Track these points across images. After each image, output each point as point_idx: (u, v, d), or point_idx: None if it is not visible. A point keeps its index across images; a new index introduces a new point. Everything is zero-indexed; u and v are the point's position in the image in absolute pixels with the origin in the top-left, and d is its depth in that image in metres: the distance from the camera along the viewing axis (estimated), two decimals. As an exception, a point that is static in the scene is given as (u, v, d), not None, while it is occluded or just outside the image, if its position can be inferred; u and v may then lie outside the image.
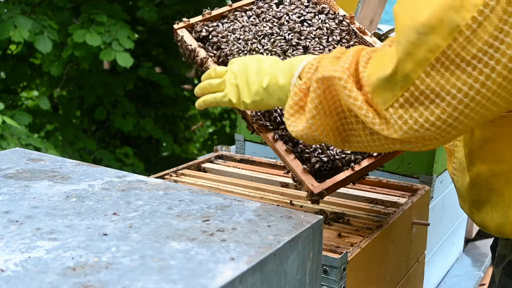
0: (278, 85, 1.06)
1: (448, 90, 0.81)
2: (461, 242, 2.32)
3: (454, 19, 0.78)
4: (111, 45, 4.29)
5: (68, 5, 4.69)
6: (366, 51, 0.94)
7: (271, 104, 1.11)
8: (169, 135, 5.86)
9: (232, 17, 1.49)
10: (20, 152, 1.19)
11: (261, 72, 1.10)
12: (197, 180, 1.61)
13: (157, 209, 0.88)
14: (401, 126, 0.86)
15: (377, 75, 0.88)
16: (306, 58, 1.04)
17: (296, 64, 1.04)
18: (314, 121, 0.98)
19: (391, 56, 0.87)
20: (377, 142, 0.94)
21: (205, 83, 1.21)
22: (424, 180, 1.75)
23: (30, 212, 0.86)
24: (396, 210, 1.38)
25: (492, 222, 1.05)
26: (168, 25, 5.87)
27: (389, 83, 0.86)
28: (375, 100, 0.89)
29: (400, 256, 1.41)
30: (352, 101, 0.91)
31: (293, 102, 1.01)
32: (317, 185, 1.19)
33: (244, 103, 1.13)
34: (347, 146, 1.01)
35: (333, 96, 0.96)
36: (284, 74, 1.06)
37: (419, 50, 0.82)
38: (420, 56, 0.82)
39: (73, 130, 5.05)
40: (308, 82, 0.99)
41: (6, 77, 5.20)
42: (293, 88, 1.02)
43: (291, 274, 0.81)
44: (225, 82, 1.17)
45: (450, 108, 0.82)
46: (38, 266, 0.69)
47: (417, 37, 0.81)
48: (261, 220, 0.86)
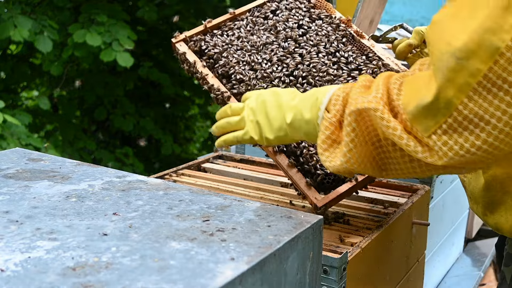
0: (304, 120, 1.05)
1: (492, 112, 0.81)
2: (461, 242, 2.32)
3: (493, 42, 0.78)
4: (111, 45, 4.29)
5: (68, 5, 4.69)
6: (395, 78, 0.93)
7: (297, 138, 1.10)
8: (169, 135, 5.85)
9: (229, 27, 1.49)
10: (20, 152, 1.19)
11: (282, 107, 1.09)
12: (197, 180, 1.61)
13: (157, 209, 0.88)
14: (446, 152, 0.85)
15: (416, 103, 0.86)
16: (330, 89, 1.03)
17: (320, 96, 1.02)
18: (352, 154, 0.96)
19: (427, 82, 0.86)
20: (418, 169, 0.92)
21: (223, 122, 1.19)
22: (424, 180, 1.75)
23: (30, 212, 0.86)
24: (396, 210, 1.38)
25: (506, 224, 1.06)
26: (168, 25, 5.87)
27: (430, 110, 0.85)
28: (415, 127, 0.88)
29: (400, 256, 1.41)
30: (391, 132, 0.90)
31: (325, 136, 1.00)
32: (320, 199, 1.21)
33: (267, 139, 1.12)
34: (385, 174, 1.00)
35: (368, 127, 0.94)
36: (309, 108, 1.04)
37: (460, 76, 0.81)
38: (461, 81, 0.81)
39: (73, 130, 5.05)
40: (338, 115, 0.98)
41: (6, 77, 5.20)
42: (323, 122, 1.00)
43: (291, 274, 0.81)
44: (244, 120, 1.15)
45: (496, 131, 0.81)
46: (38, 266, 0.69)
47: (456, 62, 0.81)
48: (261, 220, 0.86)
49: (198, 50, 1.45)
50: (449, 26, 0.83)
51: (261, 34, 1.46)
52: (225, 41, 1.45)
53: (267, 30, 1.48)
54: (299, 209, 1.38)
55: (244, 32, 1.47)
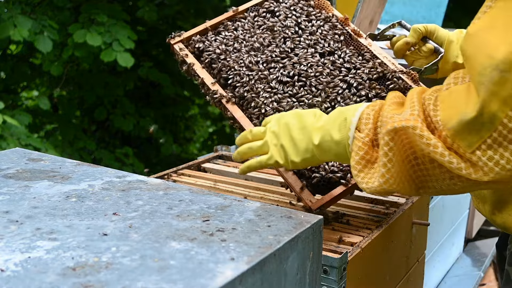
0: (334, 141, 1.02)
1: None
2: (461, 242, 2.32)
3: None
4: (111, 45, 4.29)
5: (68, 5, 4.70)
6: (429, 93, 0.92)
7: (326, 159, 1.08)
8: (169, 135, 5.86)
9: (227, 27, 1.49)
10: (20, 152, 1.19)
11: (307, 129, 1.07)
12: (197, 180, 1.61)
13: (157, 209, 0.88)
14: (492, 168, 0.83)
15: (458, 118, 0.84)
16: (358, 108, 1.01)
17: (349, 116, 1.01)
18: (390, 174, 0.94)
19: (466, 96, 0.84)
20: (459, 185, 0.90)
21: (244, 148, 1.16)
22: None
23: (30, 212, 0.86)
24: (396, 210, 1.38)
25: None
26: (168, 25, 5.87)
27: (474, 125, 0.83)
28: (456, 143, 0.86)
29: (400, 256, 1.41)
30: (432, 149, 0.87)
31: (359, 157, 0.98)
32: (315, 201, 1.21)
33: (293, 162, 1.09)
34: (422, 192, 0.97)
35: (404, 145, 0.92)
36: (338, 129, 1.02)
37: (504, 89, 0.79)
38: (505, 94, 0.80)
39: (73, 130, 5.06)
40: (371, 134, 0.97)
41: (6, 77, 5.20)
42: (355, 142, 0.98)
43: (291, 274, 0.81)
44: (267, 144, 1.13)
45: None
46: (38, 266, 0.69)
47: (500, 75, 0.79)
48: (261, 220, 0.86)
49: (196, 52, 1.45)
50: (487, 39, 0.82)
51: (258, 35, 1.46)
52: (223, 42, 1.45)
53: (265, 30, 1.48)
54: (299, 209, 1.38)
55: (241, 33, 1.47)
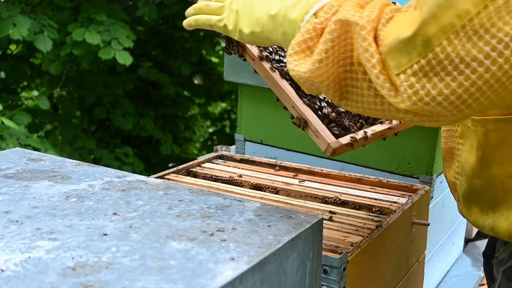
0: (288, 18, 0.96)
1: (468, 62, 0.75)
2: (461, 242, 2.32)
3: None
4: (110, 44, 4.29)
5: (68, 4, 4.70)
6: (389, 9, 0.86)
7: (272, 38, 1.00)
8: (169, 135, 5.86)
9: None
10: (20, 152, 1.19)
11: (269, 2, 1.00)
12: (197, 180, 1.61)
13: (157, 209, 0.88)
14: (411, 96, 0.79)
15: (395, 36, 0.80)
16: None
17: (314, 1, 0.94)
18: (321, 65, 0.88)
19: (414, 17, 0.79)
20: (379, 106, 0.87)
21: (201, 4, 1.11)
22: (424, 180, 1.75)
23: (30, 212, 0.86)
24: (396, 210, 1.38)
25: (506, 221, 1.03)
26: (168, 25, 5.87)
27: (407, 46, 0.78)
28: (387, 62, 0.81)
29: (400, 256, 1.41)
30: (368, 56, 0.83)
31: (302, 39, 0.91)
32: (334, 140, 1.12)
33: (240, 32, 1.04)
34: (343, 104, 0.93)
35: (346, 45, 0.87)
36: (298, 9, 0.95)
37: (446, 14, 0.75)
38: (446, 20, 0.75)
39: (73, 129, 5.06)
40: (325, 23, 0.90)
41: (6, 77, 5.20)
42: (306, 24, 0.92)
43: (291, 274, 0.81)
44: (225, 8, 1.07)
45: (467, 83, 0.76)
46: (38, 266, 0.69)
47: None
48: (261, 220, 0.86)
49: None
50: None
51: None
52: None
53: None
54: (299, 209, 1.38)
55: None
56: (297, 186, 1.57)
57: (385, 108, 0.86)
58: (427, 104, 0.79)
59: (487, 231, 1.08)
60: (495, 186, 1.04)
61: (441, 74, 0.77)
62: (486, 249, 1.32)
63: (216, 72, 6.47)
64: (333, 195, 1.49)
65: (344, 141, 1.13)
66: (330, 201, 1.47)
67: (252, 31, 1.02)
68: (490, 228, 1.07)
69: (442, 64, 0.76)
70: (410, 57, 0.78)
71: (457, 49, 0.75)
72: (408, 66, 0.79)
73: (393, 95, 0.82)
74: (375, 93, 0.86)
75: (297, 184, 1.59)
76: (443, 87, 0.77)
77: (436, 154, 1.75)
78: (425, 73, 0.78)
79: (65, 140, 4.93)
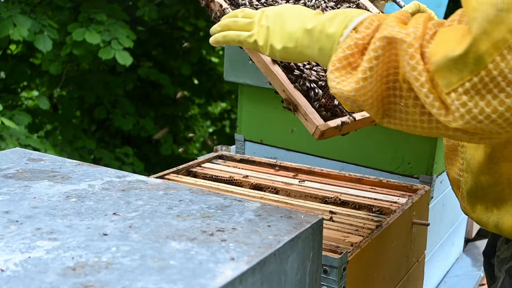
0: (326, 32, 0.93)
1: None
2: (461, 242, 2.32)
3: None
4: (110, 44, 4.29)
5: (68, 4, 4.70)
6: (432, 23, 0.83)
7: (306, 53, 0.98)
8: (169, 135, 5.86)
9: None
10: (20, 152, 1.19)
11: (301, 16, 0.98)
12: (197, 180, 1.61)
13: (157, 209, 0.88)
14: (463, 114, 0.77)
15: (443, 53, 0.78)
16: (364, 12, 0.92)
17: (352, 15, 0.91)
18: (365, 84, 0.85)
19: (462, 33, 0.77)
20: (426, 124, 0.84)
21: (228, 20, 1.08)
22: (424, 180, 1.75)
23: (30, 212, 0.86)
24: (396, 210, 1.38)
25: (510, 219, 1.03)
26: (168, 25, 5.87)
27: (457, 64, 0.76)
28: (435, 80, 0.79)
29: (400, 256, 1.41)
30: (416, 75, 0.80)
31: (344, 55, 0.88)
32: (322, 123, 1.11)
33: (271, 47, 1.01)
34: (386, 121, 0.90)
35: (390, 61, 0.85)
36: (336, 23, 0.92)
37: (497, 29, 0.73)
38: (498, 36, 0.73)
39: (73, 129, 5.06)
40: (367, 38, 0.87)
41: (6, 77, 5.20)
42: (347, 40, 0.89)
43: (291, 274, 0.81)
44: (254, 24, 1.05)
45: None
46: (38, 266, 0.69)
47: (496, 14, 0.73)
48: (261, 220, 0.86)
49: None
50: None
51: None
52: None
53: None
54: (299, 209, 1.38)
55: None
56: (297, 186, 1.57)
57: (433, 126, 0.84)
58: (481, 122, 0.77)
59: (490, 228, 1.08)
60: (502, 183, 1.04)
61: (494, 91, 0.75)
62: (486, 248, 1.32)
63: (216, 72, 6.48)
64: (333, 195, 1.49)
65: (333, 124, 1.12)
66: (330, 201, 1.47)
67: (285, 47, 1.00)
68: (494, 225, 1.07)
69: (495, 81, 0.75)
70: (461, 75, 0.76)
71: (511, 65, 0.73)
72: (459, 84, 0.77)
73: (443, 113, 0.80)
74: (421, 110, 0.84)
75: (297, 184, 1.59)
76: (497, 104, 0.75)
77: (436, 154, 1.75)
78: (478, 91, 0.76)
79: (65, 140, 4.93)
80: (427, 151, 1.74)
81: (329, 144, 1.90)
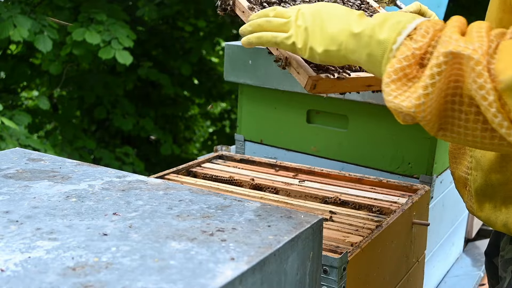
0: (377, 38, 0.87)
1: None
2: (461, 242, 2.32)
3: None
4: (110, 44, 4.29)
5: (68, 4, 4.70)
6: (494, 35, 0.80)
7: (351, 58, 0.93)
8: (169, 135, 5.87)
9: None
10: (20, 152, 1.19)
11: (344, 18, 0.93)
12: (197, 180, 1.61)
13: (157, 209, 0.88)
14: None
15: None
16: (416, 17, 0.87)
17: (406, 21, 0.86)
18: (426, 100, 0.81)
19: None
20: (488, 140, 0.81)
21: (261, 20, 1.02)
22: (424, 180, 1.75)
23: (30, 212, 0.86)
24: (396, 210, 1.38)
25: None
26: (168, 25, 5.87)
27: None
28: (503, 99, 0.76)
29: (400, 256, 1.41)
30: (484, 94, 0.77)
31: (400, 66, 0.83)
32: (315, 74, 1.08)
33: (311, 50, 0.96)
34: (441, 134, 0.86)
35: (452, 75, 0.81)
36: (387, 29, 0.87)
37: None
38: None
39: (73, 129, 5.06)
40: (424, 48, 0.83)
41: (6, 77, 5.20)
42: (402, 48, 0.84)
43: (291, 274, 0.81)
44: (290, 24, 0.98)
45: None
46: (38, 266, 0.69)
47: None
48: (261, 220, 0.86)
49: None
50: None
51: None
52: None
53: None
54: (299, 209, 1.38)
55: None
56: (297, 186, 1.57)
57: (495, 142, 0.81)
58: None
59: (498, 227, 1.08)
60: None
61: None
62: (488, 248, 1.32)
63: (216, 72, 6.48)
64: (333, 195, 1.49)
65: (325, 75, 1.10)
66: (330, 201, 1.47)
67: (327, 50, 0.95)
68: (502, 224, 1.07)
69: None
70: None
71: None
72: None
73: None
74: (483, 126, 0.81)
75: (297, 184, 1.59)
76: None
77: (436, 154, 1.75)
78: None
79: (65, 140, 4.93)
80: (427, 151, 1.74)
81: (329, 144, 1.90)
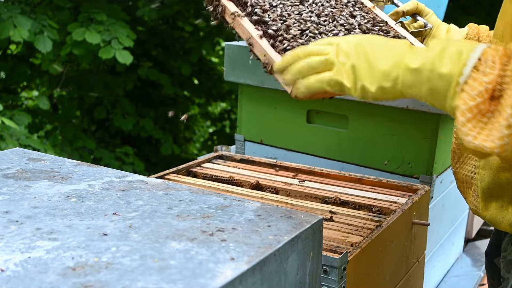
0: (438, 72, 0.82)
1: None
2: (461, 242, 2.32)
3: None
4: (110, 43, 4.29)
5: (68, 4, 4.70)
6: None
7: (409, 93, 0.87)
8: (169, 135, 5.87)
9: None
10: (20, 152, 1.19)
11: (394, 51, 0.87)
12: (197, 180, 1.61)
13: (157, 209, 0.88)
14: None
15: None
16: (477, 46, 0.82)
17: (468, 50, 0.81)
18: (510, 140, 0.77)
19: None
20: None
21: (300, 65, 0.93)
22: (424, 180, 1.75)
23: (30, 212, 0.86)
24: (396, 210, 1.38)
25: None
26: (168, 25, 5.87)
27: None
28: None
29: (400, 256, 1.41)
30: None
31: (475, 104, 0.79)
32: None
33: (364, 88, 0.89)
34: None
35: None
36: (449, 61, 0.82)
37: None
38: None
39: (73, 129, 5.06)
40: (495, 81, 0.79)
41: (6, 77, 5.20)
42: (474, 84, 0.79)
43: (291, 274, 0.81)
44: (331, 60, 0.91)
45: None
46: (38, 266, 0.69)
47: None
48: (261, 220, 0.86)
49: None
50: None
51: None
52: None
53: None
54: (299, 209, 1.38)
55: None
56: (297, 186, 1.57)
57: None
58: None
59: (504, 227, 1.08)
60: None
61: None
62: (489, 248, 1.31)
63: (216, 72, 6.48)
64: (333, 195, 1.49)
65: None
66: (330, 201, 1.47)
67: (381, 87, 0.88)
68: (509, 224, 1.07)
69: None
70: None
71: None
72: None
73: None
74: None
75: (297, 184, 1.59)
76: None
77: (436, 154, 1.75)
78: None
79: (65, 140, 4.93)
80: (427, 151, 1.74)
81: (329, 144, 1.90)
